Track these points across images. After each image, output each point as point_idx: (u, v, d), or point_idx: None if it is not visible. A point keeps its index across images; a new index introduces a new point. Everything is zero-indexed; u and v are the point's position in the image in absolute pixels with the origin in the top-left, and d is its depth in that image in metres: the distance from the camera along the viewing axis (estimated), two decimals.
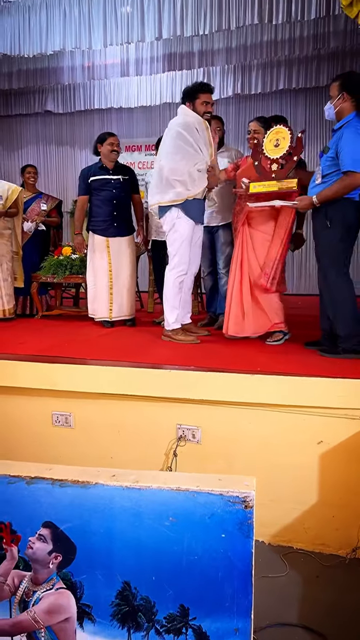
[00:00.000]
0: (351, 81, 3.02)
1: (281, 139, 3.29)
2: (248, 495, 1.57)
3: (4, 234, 4.67)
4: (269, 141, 3.34)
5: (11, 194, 4.70)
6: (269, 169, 3.34)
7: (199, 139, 3.50)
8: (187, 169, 3.44)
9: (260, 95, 7.28)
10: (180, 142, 3.45)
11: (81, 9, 5.50)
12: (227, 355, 3.24)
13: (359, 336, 3.07)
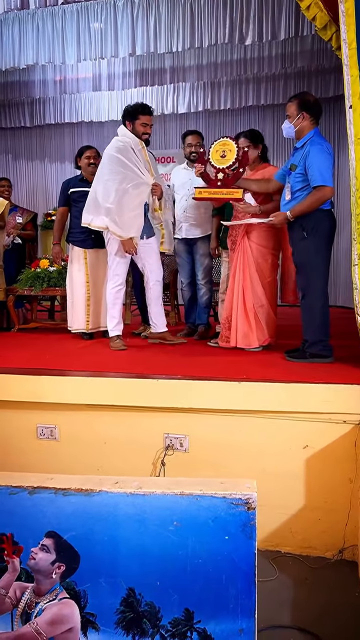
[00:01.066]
0: (309, 101, 3.21)
1: (227, 151, 3.48)
2: (250, 497, 1.62)
3: None
4: (215, 151, 3.52)
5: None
6: (215, 178, 3.51)
7: (137, 161, 3.63)
8: (119, 195, 3.53)
9: (230, 111, 7.45)
10: (117, 167, 3.56)
11: (54, 23, 5.55)
12: (212, 363, 3.30)
13: (324, 342, 3.22)
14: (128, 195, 3.58)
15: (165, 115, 7.59)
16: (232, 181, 3.49)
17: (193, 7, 5.11)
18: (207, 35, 5.12)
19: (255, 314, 3.61)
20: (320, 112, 3.23)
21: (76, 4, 5.28)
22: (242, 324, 3.63)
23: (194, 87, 7.05)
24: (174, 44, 5.22)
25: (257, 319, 3.62)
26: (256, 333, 3.62)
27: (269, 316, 3.65)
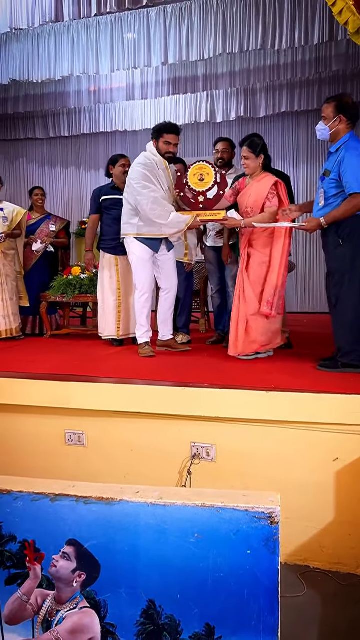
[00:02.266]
0: (347, 103, 3.13)
1: (205, 174, 3.64)
2: (274, 511, 1.57)
3: (9, 254, 4.73)
4: (192, 175, 3.67)
5: (16, 216, 4.77)
6: (196, 201, 3.67)
7: (161, 180, 3.70)
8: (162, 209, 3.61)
9: (264, 118, 7.41)
10: (144, 181, 3.63)
11: (89, 35, 5.65)
12: (240, 372, 3.26)
13: (357, 352, 3.12)
14: (158, 202, 3.62)
15: (199, 124, 7.61)
16: (214, 204, 3.64)
17: (225, 14, 5.11)
18: (239, 41, 5.10)
19: (248, 323, 3.55)
20: (358, 116, 3.15)
21: (110, 15, 5.35)
22: (232, 332, 3.61)
23: (228, 95, 7.05)
24: (206, 51, 5.23)
25: (250, 327, 3.55)
26: (243, 341, 3.56)
27: (263, 325, 3.55)
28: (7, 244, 4.67)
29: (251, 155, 3.53)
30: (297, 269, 7.72)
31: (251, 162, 3.53)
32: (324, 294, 7.71)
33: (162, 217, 3.61)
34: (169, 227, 3.64)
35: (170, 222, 3.62)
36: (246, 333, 3.56)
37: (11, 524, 1.73)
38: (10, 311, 4.64)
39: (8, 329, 4.62)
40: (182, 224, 3.62)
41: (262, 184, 3.53)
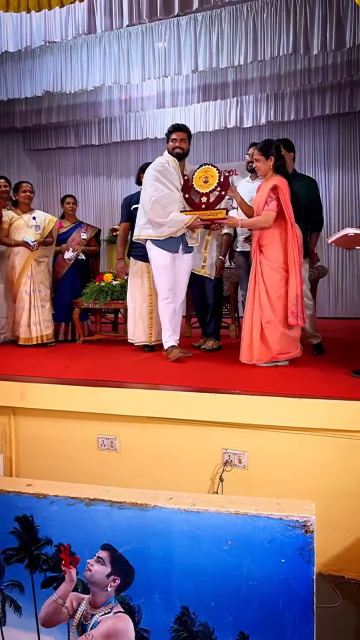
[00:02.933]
0: None
1: (210, 177, 3.79)
2: (308, 520, 1.56)
3: (41, 262, 4.82)
4: (197, 178, 3.82)
5: (48, 224, 4.86)
6: (199, 201, 3.81)
7: (173, 178, 3.84)
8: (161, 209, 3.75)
9: (294, 122, 7.38)
10: (152, 181, 3.80)
11: (120, 45, 5.73)
12: (272, 378, 3.23)
13: None
14: (158, 204, 3.76)
15: (229, 129, 7.63)
16: (215, 204, 3.78)
17: (255, 20, 5.11)
18: (270, 47, 5.09)
19: (261, 330, 3.52)
20: None
21: (141, 25, 5.42)
22: (245, 338, 3.59)
23: (257, 100, 7.04)
24: (236, 58, 5.24)
25: (264, 335, 3.52)
26: (259, 349, 3.53)
27: (279, 333, 3.50)
28: (39, 252, 4.77)
29: (261, 158, 3.55)
30: (330, 274, 7.63)
31: (261, 165, 3.56)
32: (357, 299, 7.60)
33: (162, 216, 3.75)
34: (168, 226, 3.76)
35: (169, 220, 3.75)
36: (261, 340, 3.54)
37: (47, 527, 1.76)
38: (41, 317, 4.73)
39: (39, 336, 4.71)
40: (180, 223, 3.74)
41: (267, 186, 3.53)
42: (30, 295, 4.69)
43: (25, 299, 4.68)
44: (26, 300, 4.68)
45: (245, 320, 3.63)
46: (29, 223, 4.72)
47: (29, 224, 4.72)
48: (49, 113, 7.43)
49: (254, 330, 3.54)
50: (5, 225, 4.71)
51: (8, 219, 4.74)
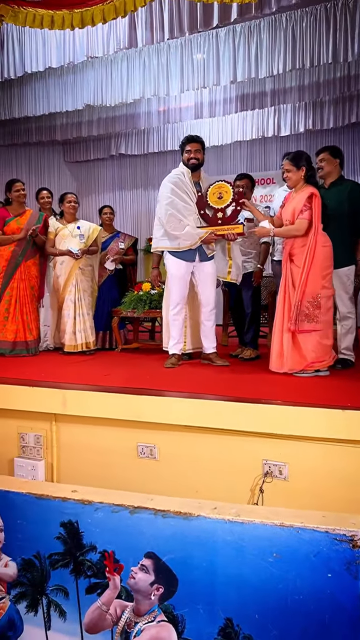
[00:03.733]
0: None
1: (224, 192, 3.88)
2: (356, 534, 1.53)
3: (86, 270, 4.91)
4: (212, 194, 3.91)
5: (92, 233, 4.96)
6: (215, 217, 3.89)
7: (186, 189, 3.93)
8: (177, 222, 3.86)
9: (333, 130, 7.31)
10: (167, 193, 3.92)
11: (159, 58, 5.81)
12: (314, 389, 3.19)
13: None
14: (174, 216, 3.86)
15: (266, 138, 7.61)
16: (231, 219, 3.87)
17: (295, 29, 5.10)
18: (309, 56, 5.07)
19: (294, 337, 3.50)
20: None
21: (180, 38, 5.49)
22: (276, 346, 3.58)
23: (296, 108, 7.00)
24: (275, 67, 5.24)
25: (297, 341, 3.50)
26: (291, 357, 3.51)
27: (313, 340, 3.47)
28: (84, 261, 4.86)
29: (292, 168, 3.58)
30: None
31: (292, 175, 3.59)
32: None
33: (177, 229, 3.85)
34: (184, 239, 3.85)
35: (185, 234, 3.84)
36: (295, 349, 3.51)
37: (92, 533, 1.79)
38: (86, 325, 4.81)
39: (84, 343, 4.79)
40: (195, 237, 3.84)
41: (300, 196, 3.54)
42: (75, 303, 4.78)
43: (71, 306, 4.78)
44: (71, 308, 4.77)
45: (275, 328, 3.63)
46: (73, 232, 4.83)
47: (73, 234, 4.82)
48: (89, 126, 7.58)
49: (285, 337, 3.53)
50: (51, 235, 4.85)
51: (54, 229, 4.87)
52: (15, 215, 4.72)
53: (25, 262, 4.68)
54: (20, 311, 4.63)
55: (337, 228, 3.75)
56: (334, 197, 3.84)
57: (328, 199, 3.85)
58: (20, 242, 4.64)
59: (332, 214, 3.79)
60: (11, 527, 1.87)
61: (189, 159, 3.96)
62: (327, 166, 3.89)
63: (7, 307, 4.62)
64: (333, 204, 3.81)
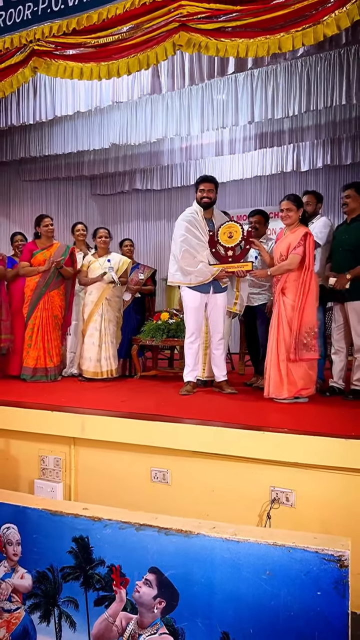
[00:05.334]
0: None
1: (234, 232, 4.11)
2: (343, 555, 1.64)
3: (112, 301, 5.13)
4: (222, 233, 4.14)
5: (122, 265, 5.20)
6: (225, 255, 4.12)
7: (199, 226, 4.16)
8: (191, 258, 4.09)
9: (350, 166, 7.50)
10: (181, 231, 4.16)
11: (181, 100, 6.14)
12: (321, 417, 3.30)
13: None
14: (188, 252, 4.10)
15: (285, 173, 7.84)
16: (241, 257, 4.10)
17: (310, 73, 5.36)
18: (323, 98, 5.30)
19: (288, 365, 3.71)
20: None
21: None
22: (274, 374, 3.78)
23: (314, 145, 7.24)
24: (290, 109, 5.49)
25: (289, 370, 3.72)
26: (286, 384, 3.73)
27: (302, 369, 3.72)
28: (111, 292, 5.09)
29: (293, 207, 3.88)
30: None
31: (293, 214, 3.89)
32: None
33: (191, 265, 4.09)
34: (196, 276, 4.08)
35: (198, 271, 4.08)
36: (287, 375, 3.74)
37: (101, 549, 1.93)
38: (110, 353, 5.02)
39: (108, 370, 4.99)
40: (208, 274, 4.07)
41: (295, 235, 3.83)
42: (101, 331, 5.00)
43: (96, 335, 4.98)
44: (96, 336, 4.98)
45: (271, 358, 3.83)
46: (104, 265, 5.08)
47: (103, 266, 5.07)
48: (115, 162, 7.97)
49: (282, 365, 3.76)
50: (84, 267, 5.14)
51: (87, 262, 5.15)
52: (43, 248, 5.01)
53: (49, 292, 4.94)
54: (42, 339, 4.87)
55: (354, 262, 3.91)
56: (353, 232, 4.00)
57: (347, 234, 4.03)
58: (44, 274, 4.91)
59: (349, 248, 3.96)
60: (28, 541, 2.03)
61: (202, 198, 4.21)
62: (353, 203, 4.06)
63: (31, 334, 4.87)
64: (352, 239, 3.97)
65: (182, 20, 3.65)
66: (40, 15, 4.19)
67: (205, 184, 4.22)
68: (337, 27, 3.23)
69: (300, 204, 3.94)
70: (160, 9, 3.69)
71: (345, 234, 4.03)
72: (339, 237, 4.11)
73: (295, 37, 3.34)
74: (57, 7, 4.14)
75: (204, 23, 3.59)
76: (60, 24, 4.10)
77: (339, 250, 4.07)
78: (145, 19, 3.78)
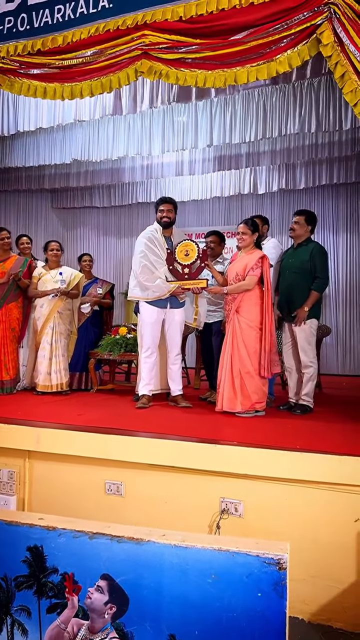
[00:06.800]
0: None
1: (190, 250, 4.30)
2: (282, 558, 1.78)
3: (63, 314, 5.17)
4: (179, 251, 4.33)
5: (73, 279, 5.26)
6: (182, 272, 4.30)
7: (159, 244, 4.35)
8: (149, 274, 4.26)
9: (304, 190, 7.86)
10: (141, 247, 4.34)
11: (143, 121, 6.32)
12: (266, 431, 3.46)
13: None
14: (147, 268, 4.28)
15: (243, 195, 8.13)
16: (197, 274, 4.29)
17: (265, 103, 5.63)
18: (278, 126, 5.59)
19: (242, 380, 3.92)
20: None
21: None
22: (228, 389, 3.98)
23: (270, 169, 7.55)
24: (247, 135, 5.74)
25: (243, 384, 3.92)
26: (240, 398, 3.94)
27: (255, 383, 3.94)
28: (63, 305, 5.13)
29: (248, 231, 4.13)
30: (337, 332, 7.88)
31: (247, 238, 4.13)
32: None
33: (149, 280, 4.27)
34: (153, 291, 4.26)
35: (155, 286, 4.26)
36: (241, 390, 3.94)
37: (54, 557, 1.99)
38: (61, 366, 5.04)
39: (58, 384, 5.00)
40: (164, 290, 4.25)
41: (251, 256, 4.06)
42: (52, 345, 5.01)
43: (47, 348, 5.00)
44: (47, 350, 5.00)
45: (224, 372, 4.02)
46: (55, 278, 5.12)
47: (55, 279, 5.11)
48: (76, 177, 8.06)
49: (236, 381, 3.95)
50: (35, 279, 5.15)
51: (38, 274, 5.17)
52: (0, 261, 5.02)
53: (6, 304, 4.95)
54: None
55: (301, 283, 4.15)
56: (298, 256, 4.24)
57: (293, 258, 4.27)
58: (2, 286, 4.93)
59: (296, 271, 4.19)
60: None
61: (162, 218, 4.40)
62: (300, 229, 4.29)
63: None
64: (297, 263, 4.21)
65: (144, 49, 3.81)
66: (6, 34, 4.28)
67: (165, 205, 4.41)
68: (289, 65, 3.47)
69: (256, 228, 4.16)
70: (124, 37, 3.84)
71: (292, 258, 4.29)
72: (286, 260, 4.36)
73: (250, 72, 3.56)
74: (22, 27, 4.23)
75: (165, 53, 3.77)
76: (25, 43, 4.19)
77: (285, 273, 4.31)
78: (109, 45, 3.92)
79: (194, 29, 3.64)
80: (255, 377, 3.93)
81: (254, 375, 3.93)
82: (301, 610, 2.79)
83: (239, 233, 4.15)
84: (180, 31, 3.68)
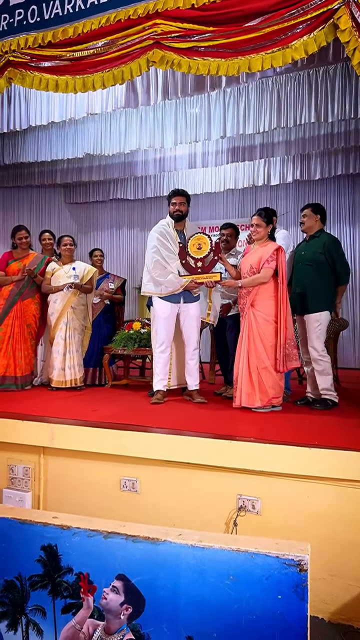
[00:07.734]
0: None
1: (202, 244, 4.22)
2: (302, 559, 1.72)
3: (77, 309, 5.13)
4: (192, 245, 4.25)
5: (87, 274, 5.22)
6: (195, 266, 4.22)
7: (171, 238, 4.29)
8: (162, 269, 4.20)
9: (319, 180, 7.72)
10: (153, 242, 4.28)
11: (155, 113, 6.25)
12: (285, 426, 3.39)
13: None
14: (159, 263, 4.22)
15: (257, 187, 8.02)
16: (210, 268, 4.20)
17: (280, 92, 5.53)
18: (293, 116, 5.48)
19: (259, 375, 3.85)
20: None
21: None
22: (246, 384, 3.90)
23: (284, 160, 7.43)
24: (261, 125, 5.64)
25: (261, 379, 3.85)
26: (259, 393, 3.87)
27: (273, 378, 3.86)
28: (76, 300, 5.10)
29: (262, 223, 4.02)
30: (355, 326, 7.75)
31: (262, 230, 4.03)
32: None
33: (162, 275, 4.21)
34: (166, 286, 4.21)
35: (168, 281, 4.20)
36: (259, 385, 3.87)
37: (69, 557, 1.96)
38: (75, 362, 5.02)
39: (73, 379, 4.99)
40: (177, 285, 4.19)
41: (266, 249, 3.96)
42: (66, 340, 4.99)
43: (61, 343, 4.98)
44: (61, 345, 4.98)
45: (241, 368, 3.94)
46: (68, 273, 5.09)
47: (68, 274, 5.09)
48: (88, 171, 8.02)
49: (253, 376, 3.88)
50: (48, 275, 5.12)
51: (51, 269, 5.14)
52: (18, 258, 5.02)
53: (22, 300, 4.93)
54: (12, 347, 4.86)
55: (314, 276, 4.06)
56: (311, 248, 4.17)
57: (305, 251, 4.19)
58: (18, 282, 4.92)
59: (309, 264, 4.11)
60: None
61: (174, 211, 4.33)
62: (308, 221, 4.24)
63: (1, 343, 4.85)
64: (310, 255, 4.13)
65: (156, 38, 3.74)
66: (16, 26, 4.24)
67: (177, 197, 4.34)
68: (305, 51, 3.37)
69: (270, 220, 4.07)
70: (135, 27, 3.78)
71: (305, 250, 4.22)
72: (299, 253, 4.29)
73: (264, 59, 3.47)
74: (33, 19, 4.19)
75: (177, 42, 3.69)
76: (35, 36, 4.15)
77: (299, 265, 4.22)
78: (120, 35, 3.86)
79: (207, 17, 3.56)
80: (272, 371, 3.87)
81: (271, 370, 3.86)
82: (321, 609, 2.73)
83: (252, 225, 4.06)
84: (193, 19, 3.60)
